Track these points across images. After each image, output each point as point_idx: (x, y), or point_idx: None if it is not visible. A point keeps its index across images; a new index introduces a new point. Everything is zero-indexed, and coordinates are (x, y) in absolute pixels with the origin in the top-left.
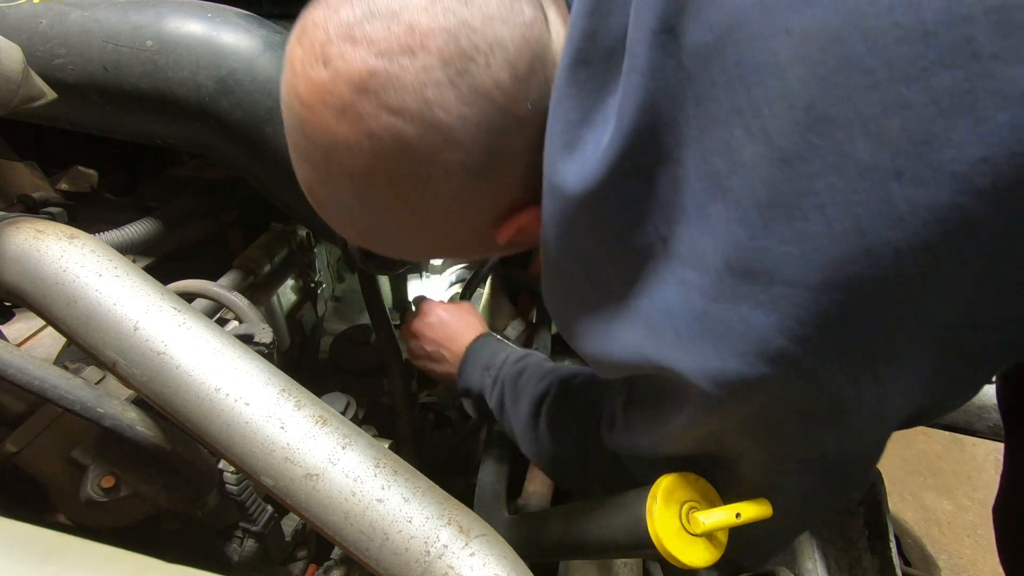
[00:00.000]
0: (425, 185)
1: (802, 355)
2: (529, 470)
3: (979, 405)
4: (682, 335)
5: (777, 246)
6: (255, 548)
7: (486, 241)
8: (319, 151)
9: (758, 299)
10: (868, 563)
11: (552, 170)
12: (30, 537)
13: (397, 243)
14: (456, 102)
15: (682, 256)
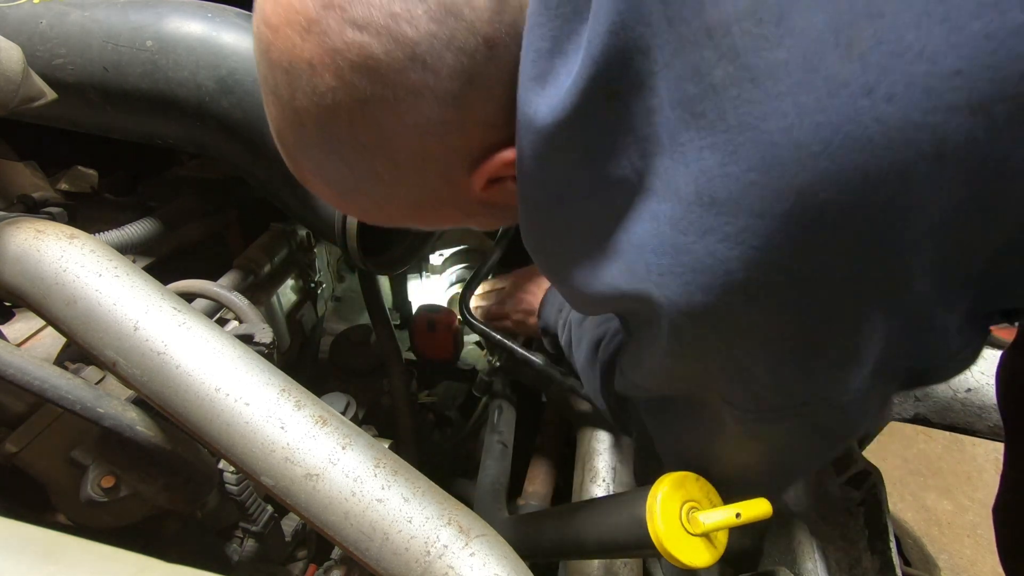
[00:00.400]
0: (391, 110)
1: (767, 289)
2: (529, 470)
3: (979, 405)
4: (652, 269)
5: (744, 173)
6: (255, 548)
7: (461, 192)
8: (283, 77)
9: (724, 231)
10: (868, 563)
11: (524, 102)
12: (30, 537)
13: (367, 194)
14: (424, 17)
15: (656, 189)
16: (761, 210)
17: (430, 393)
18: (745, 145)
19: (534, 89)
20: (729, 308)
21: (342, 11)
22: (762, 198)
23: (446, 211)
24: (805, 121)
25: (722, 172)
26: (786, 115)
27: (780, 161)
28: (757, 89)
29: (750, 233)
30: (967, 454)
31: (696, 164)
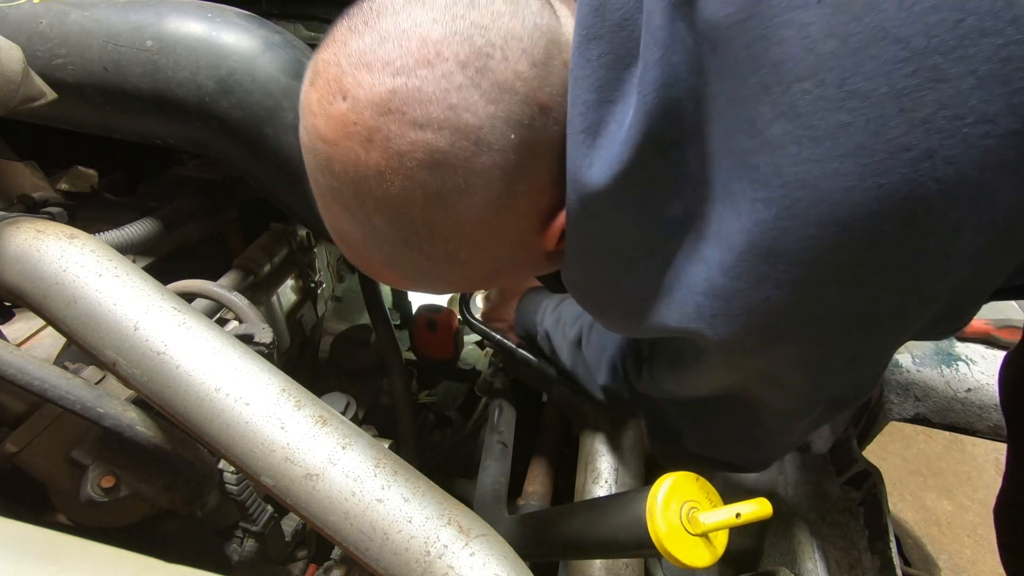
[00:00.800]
0: (463, 197)
1: (820, 326)
2: (529, 470)
3: (979, 405)
4: (704, 311)
5: (802, 228)
6: (255, 548)
7: (532, 251)
8: (350, 188)
9: (780, 279)
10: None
11: (574, 156)
12: (30, 537)
13: (443, 274)
14: (481, 101)
15: (707, 233)
16: (818, 261)
17: (430, 393)
18: (803, 201)
19: (585, 142)
20: (781, 343)
21: (401, 114)
22: (821, 251)
23: (517, 272)
24: (867, 182)
25: (777, 226)
26: (847, 176)
27: (839, 219)
28: (818, 148)
29: (807, 281)
30: (967, 454)
31: (748, 216)
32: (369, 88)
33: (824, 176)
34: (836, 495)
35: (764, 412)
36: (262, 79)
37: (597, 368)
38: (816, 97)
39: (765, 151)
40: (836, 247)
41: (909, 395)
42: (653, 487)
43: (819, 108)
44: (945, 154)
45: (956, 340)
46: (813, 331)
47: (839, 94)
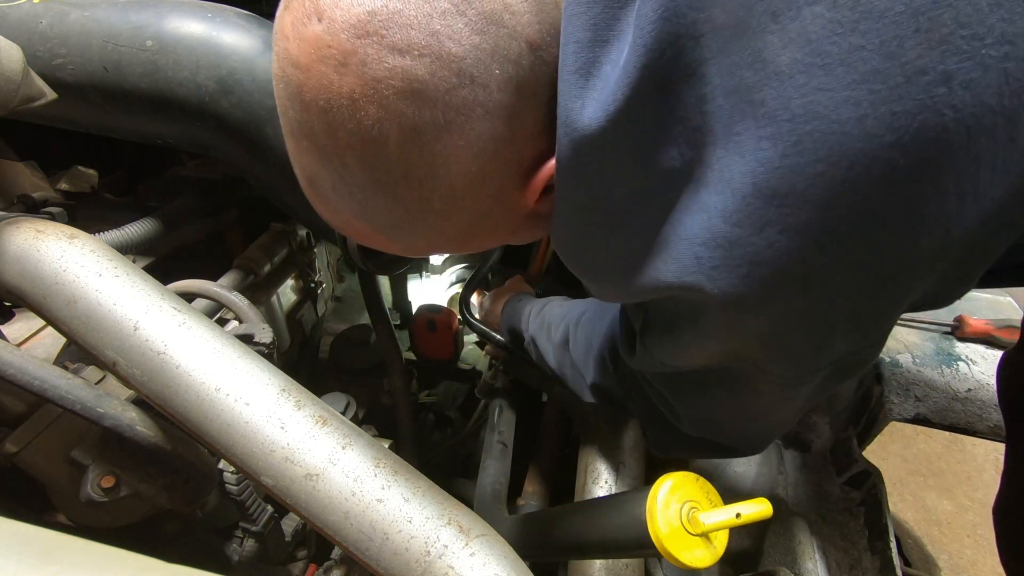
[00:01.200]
0: (442, 134)
1: (826, 276)
2: (529, 470)
3: (980, 405)
4: (703, 262)
5: (811, 164)
6: (255, 548)
7: (511, 208)
8: (320, 118)
9: (785, 222)
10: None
11: (566, 98)
12: (30, 537)
13: (415, 226)
14: (467, 31)
15: (707, 180)
16: (827, 202)
17: (430, 393)
18: (812, 135)
19: (576, 83)
20: (784, 296)
21: (379, 38)
22: (829, 190)
23: (494, 233)
24: (880, 110)
25: (784, 163)
26: (859, 104)
27: (851, 151)
28: (828, 76)
29: (815, 225)
30: (967, 454)
31: (753, 155)
32: (347, 9)
33: (835, 106)
34: (836, 495)
35: (762, 382)
36: (262, 79)
37: (585, 366)
38: (829, 20)
39: (773, 84)
40: (846, 184)
41: (909, 395)
42: (653, 487)
43: (832, 32)
44: (962, 78)
45: (956, 340)
46: (818, 283)
47: (852, 16)
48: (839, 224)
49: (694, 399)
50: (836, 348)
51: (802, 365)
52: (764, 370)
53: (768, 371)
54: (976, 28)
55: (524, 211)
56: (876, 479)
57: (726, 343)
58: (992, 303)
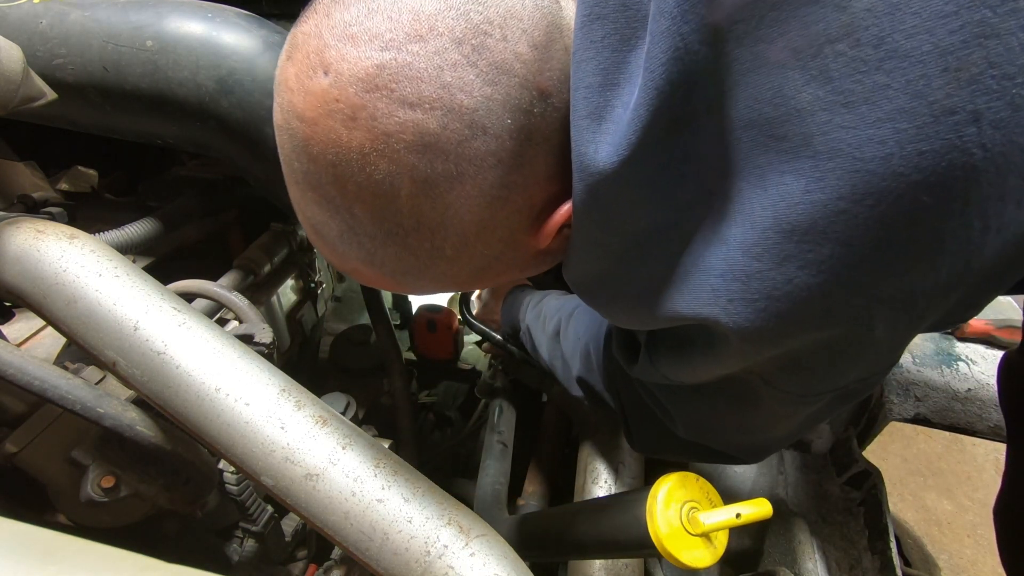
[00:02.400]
0: (454, 185)
1: (846, 311)
2: (529, 470)
3: (980, 405)
4: (720, 294)
5: (833, 201)
6: (255, 548)
7: (522, 250)
8: (328, 171)
9: (806, 258)
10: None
11: (579, 143)
12: (30, 537)
13: (426, 271)
14: (477, 81)
15: (726, 212)
16: (850, 239)
17: (430, 393)
18: (834, 172)
19: (589, 127)
20: (802, 330)
21: (389, 92)
22: (852, 227)
23: (503, 272)
24: (906, 149)
25: (806, 199)
26: (884, 143)
27: (876, 190)
28: (851, 114)
29: (835, 261)
30: (967, 454)
31: (775, 189)
32: (354, 62)
33: (859, 144)
34: (836, 495)
35: (766, 394)
36: (262, 79)
37: (572, 359)
38: (851, 58)
39: (794, 120)
40: (870, 222)
41: (909, 395)
42: (653, 487)
43: (855, 70)
44: (992, 117)
45: (956, 340)
46: (837, 318)
47: (877, 54)
48: (861, 261)
49: (693, 406)
50: (848, 375)
51: (810, 387)
52: (771, 384)
53: (775, 385)
54: (1007, 68)
55: (534, 251)
56: (876, 479)
57: (738, 367)
58: (992, 303)
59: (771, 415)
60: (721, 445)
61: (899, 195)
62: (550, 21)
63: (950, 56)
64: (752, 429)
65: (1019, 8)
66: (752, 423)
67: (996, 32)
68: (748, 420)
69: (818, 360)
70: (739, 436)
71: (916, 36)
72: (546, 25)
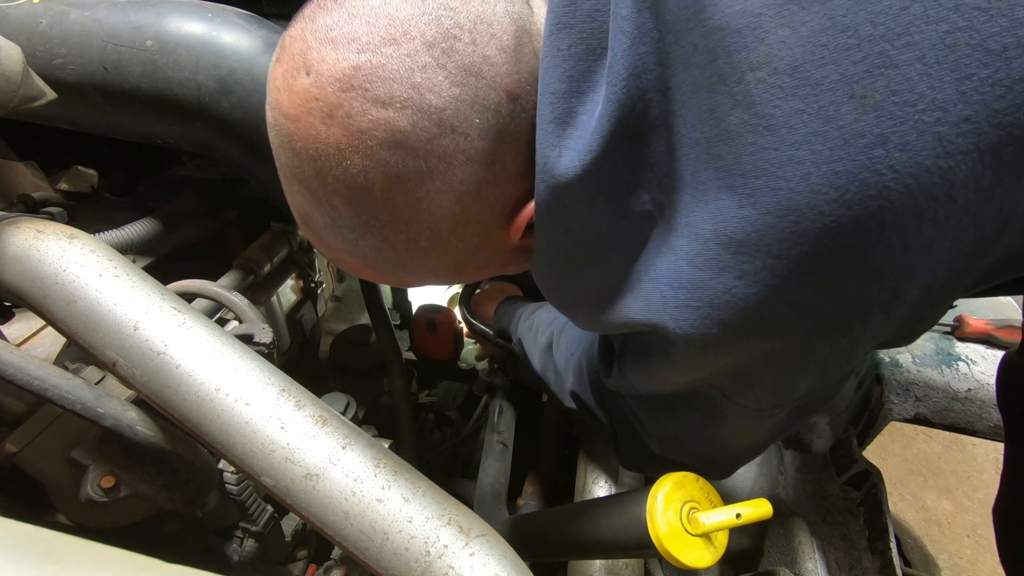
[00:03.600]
0: (425, 180)
1: (783, 321)
2: (529, 470)
3: (980, 405)
4: (668, 302)
5: (762, 216)
6: (255, 548)
7: (497, 245)
8: (310, 165)
9: (742, 269)
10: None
11: (543, 146)
12: (30, 537)
13: (405, 263)
14: (446, 83)
15: (675, 224)
16: (779, 252)
17: (430, 393)
18: (762, 189)
19: (554, 132)
20: (744, 338)
21: (363, 91)
22: (779, 241)
23: (483, 267)
24: (822, 169)
25: (740, 214)
26: (802, 163)
27: (797, 207)
28: (773, 136)
29: (767, 272)
30: (967, 454)
31: (714, 203)
32: (333, 63)
33: (780, 164)
34: (836, 495)
35: (728, 411)
36: (262, 79)
37: (565, 372)
38: (770, 86)
39: (726, 140)
40: (795, 237)
41: (909, 395)
42: (653, 488)
43: (773, 96)
44: (898, 141)
45: (956, 340)
46: (776, 328)
47: (792, 82)
48: (790, 273)
49: (664, 418)
50: (798, 388)
51: (764, 400)
52: (730, 398)
53: (733, 400)
54: (907, 95)
55: (510, 246)
56: (876, 479)
57: (693, 375)
58: (992, 303)
59: (734, 428)
60: (692, 460)
61: (819, 211)
62: (520, 26)
63: (855, 84)
64: (719, 443)
65: (914, 42)
66: (718, 436)
67: (895, 63)
68: (714, 433)
69: (767, 373)
70: (708, 449)
71: (825, 66)
72: (515, 30)
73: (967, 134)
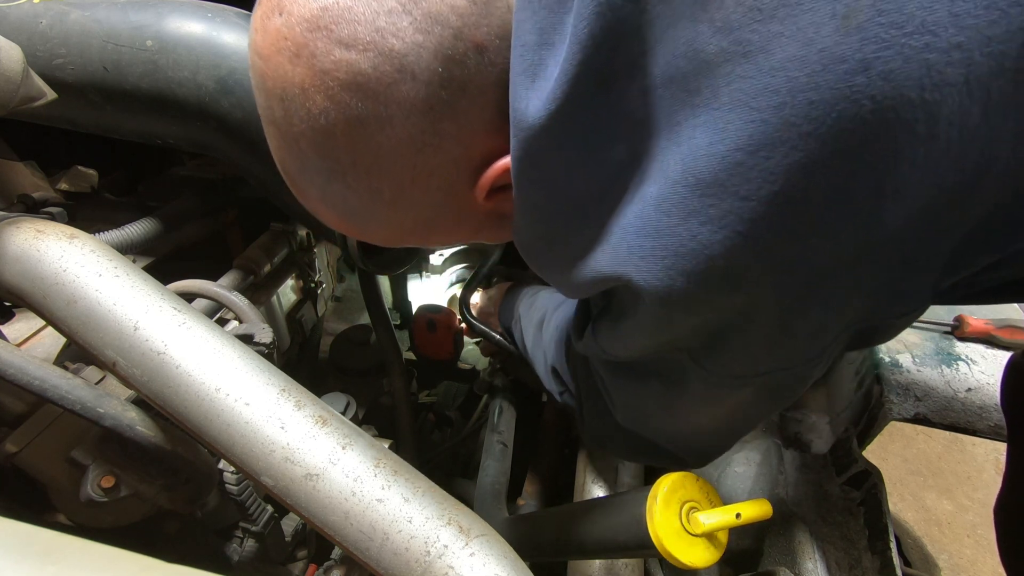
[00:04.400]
0: (384, 127)
1: (748, 275)
2: (529, 470)
3: (980, 405)
4: (633, 251)
5: (731, 153)
6: (255, 548)
7: (465, 204)
8: (279, 105)
9: (708, 213)
10: (868, 563)
11: (515, 98)
12: (30, 537)
13: (373, 214)
14: (410, 28)
15: (648, 171)
16: (747, 192)
17: (430, 393)
18: (734, 123)
19: (523, 84)
20: (708, 294)
21: (328, 32)
22: (747, 180)
23: (454, 230)
24: (797, 98)
25: (709, 151)
26: (777, 92)
27: (768, 142)
28: (750, 64)
29: (734, 216)
30: (967, 454)
31: (687, 143)
32: (304, 4)
33: (755, 93)
34: (836, 495)
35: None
36: None
37: (549, 347)
38: (750, 8)
39: (704, 73)
40: (764, 175)
41: (909, 395)
42: (653, 487)
43: (753, 19)
44: (881, 68)
45: (956, 340)
46: (742, 281)
47: (772, 3)
48: (758, 218)
49: (629, 388)
50: (764, 359)
51: (730, 368)
52: (696, 361)
53: (700, 363)
54: (895, 16)
55: (481, 210)
56: (876, 479)
57: (661, 337)
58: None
59: (695, 400)
60: (654, 435)
61: (791, 147)
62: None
63: (839, 2)
64: (681, 417)
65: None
66: (679, 408)
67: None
68: (674, 404)
69: (735, 336)
70: (669, 425)
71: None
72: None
73: (957, 63)
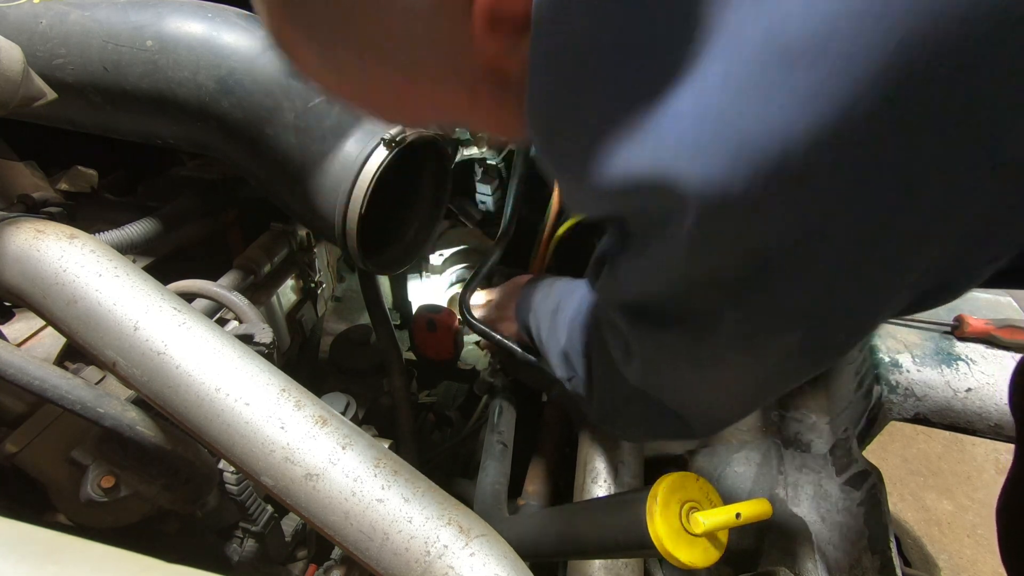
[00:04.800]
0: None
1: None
2: (529, 470)
3: (979, 405)
4: (685, 141)
5: (840, 4)
6: (255, 548)
7: (457, 39)
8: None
9: (793, 87)
10: (868, 563)
11: None
12: (30, 537)
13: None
14: None
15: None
16: (850, 53)
17: (430, 393)
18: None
19: None
20: (773, 198)
21: None
22: (854, 39)
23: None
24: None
25: (806, 10)
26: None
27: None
28: None
29: (828, 88)
30: (967, 454)
31: (775, 3)
32: None
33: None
34: (836, 495)
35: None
36: (262, 79)
37: (561, 331)
38: None
39: None
40: (880, 32)
41: (909, 395)
42: (653, 487)
43: None
44: None
45: (956, 340)
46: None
47: None
48: (859, 90)
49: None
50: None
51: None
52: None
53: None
54: None
55: (478, 56)
56: (876, 479)
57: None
58: (992, 303)
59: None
60: (670, 394)
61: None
62: None
63: None
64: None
65: None
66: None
67: None
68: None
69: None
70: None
71: None
72: None
73: None
